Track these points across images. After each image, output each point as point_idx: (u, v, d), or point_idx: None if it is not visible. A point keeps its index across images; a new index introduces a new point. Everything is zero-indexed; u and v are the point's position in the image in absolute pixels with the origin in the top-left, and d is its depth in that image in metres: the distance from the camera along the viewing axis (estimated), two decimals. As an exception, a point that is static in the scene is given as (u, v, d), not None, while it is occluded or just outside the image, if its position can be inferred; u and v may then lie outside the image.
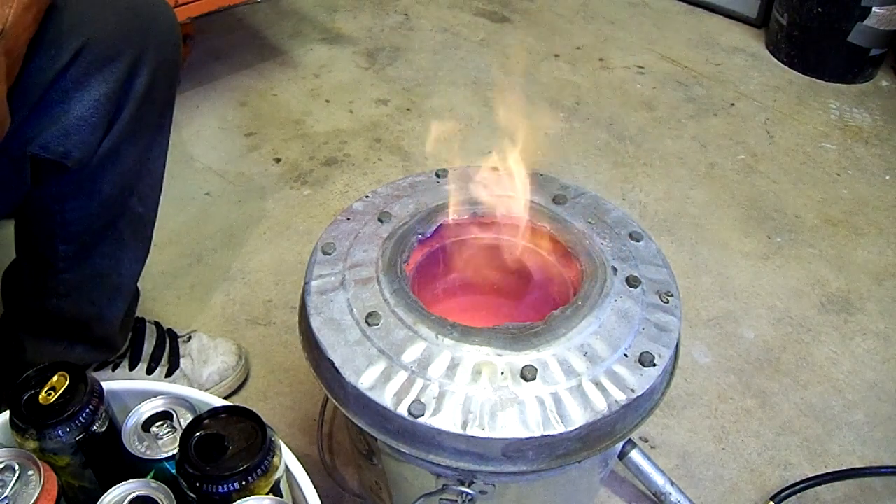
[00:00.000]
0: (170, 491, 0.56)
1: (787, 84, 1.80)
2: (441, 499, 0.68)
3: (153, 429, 0.61)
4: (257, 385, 1.08)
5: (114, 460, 0.60)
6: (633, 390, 0.62)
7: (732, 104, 1.72)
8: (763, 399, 1.10)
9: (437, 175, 0.83)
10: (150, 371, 1.00)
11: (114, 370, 0.98)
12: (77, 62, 0.70)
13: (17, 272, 0.90)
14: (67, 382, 0.58)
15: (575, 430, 0.60)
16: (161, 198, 0.90)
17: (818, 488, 0.97)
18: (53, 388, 0.58)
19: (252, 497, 0.54)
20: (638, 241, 0.76)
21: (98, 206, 0.81)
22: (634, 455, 0.90)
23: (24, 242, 0.86)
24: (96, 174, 0.78)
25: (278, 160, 1.50)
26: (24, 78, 0.68)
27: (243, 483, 0.54)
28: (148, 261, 0.93)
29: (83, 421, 0.57)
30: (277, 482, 0.57)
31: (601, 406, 0.61)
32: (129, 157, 0.80)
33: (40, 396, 0.58)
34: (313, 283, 0.70)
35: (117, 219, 0.84)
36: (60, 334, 0.90)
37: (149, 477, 0.58)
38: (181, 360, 1.02)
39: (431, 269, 0.80)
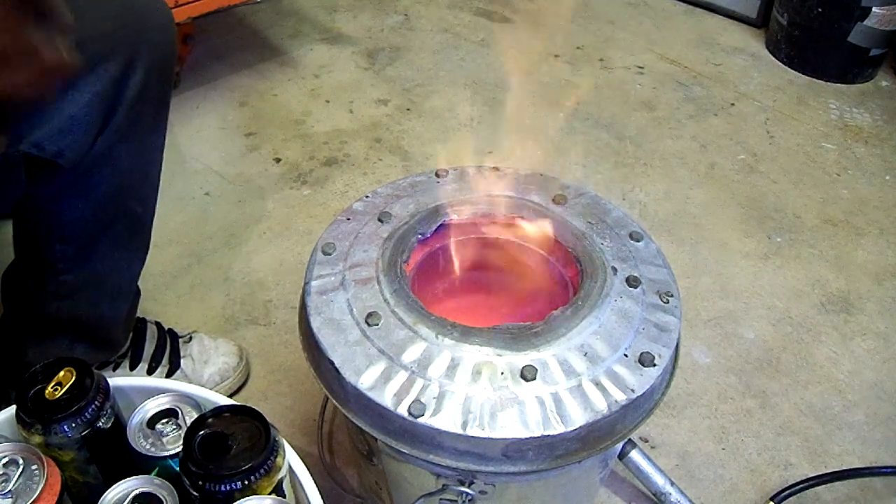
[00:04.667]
0: (173, 488, 0.56)
1: (787, 84, 1.80)
2: (441, 499, 0.68)
3: (158, 426, 0.61)
4: (257, 385, 1.08)
5: (118, 456, 0.60)
6: (633, 390, 0.62)
7: (732, 104, 1.72)
8: (763, 399, 1.10)
9: (437, 175, 0.83)
10: (150, 371, 1.00)
11: (114, 370, 0.98)
12: None
13: (17, 273, 0.90)
14: (74, 378, 0.58)
15: (575, 430, 0.60)
16: (159, 198, 0.90)
17: (818, 488, 0.97)
18: (60, 384, 0.58)
19: (254, 496, 0.54)
20: (638, 241, 0.76)
21: (94, 207, 0.81)
22: (634, 455, 0.90)
23: (23, 243, 0.86)
24: (91, 174, 0.78)
25: (278, 160, 1.50)
26: None
27: (246, 482, 0.54)
28: (148, 261, 0.93)
29: (89, 417, 0.57)
30: (280, 482, 0.57)
31: (601, 406, 0.61)
32: (124, 158, 0.80)
33: (46, 391, 0.58)
34: (313, 283, 0.70)
35: (115, 219, 0.84)
36: (61, 335, 0.90)
37: (153, 474, 0.58)
38: (182, 361, 1.02)
39: (431, 269, 0.80)
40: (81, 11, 0.71)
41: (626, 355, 0.65)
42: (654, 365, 0.64)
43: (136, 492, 0.56)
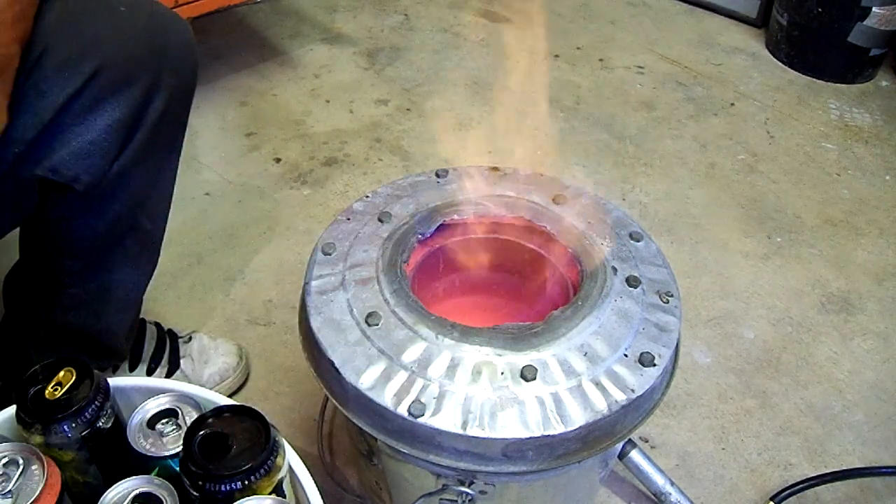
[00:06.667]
0: (173, 488, 0.56)
1: (787, 84, 1.80)
2: (441, 499, 0.68)
3: (158, 426, 0.61)
4: (257, 385, 1.08)
5: (118, 456, 0.60)
6: (633, 390, 0.62)
7: (732, 104, 1.72)
8: (763, 399, 1.10)
9: (437, 175, 0.83)
10: (150, 372, 1.00)
11: (114, 372, 0.98)
12: (91, 85, 0.68)
13: (21, 279, 0.90)
14: (74, 378, 0.59)
15: (575, 430, 0.60)
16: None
17: (818, 488, 0.97)
18: (60, 384, 0.58)
19: (254, 496, 0.54)
20: (638, 241, 0.76)
21: (106, 225, 0.79)
22: (634, 455, 0.90)
23: (30, 255, 0.85)
24: (105, 195, 0.76)
25: (278, 160, 1.50)
26: (36, 99, 0.66)
27: (246, 482, 0.54)
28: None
29: (89, 416, 0.57)
30: (280, 482, 0.57)
31: (601, 406, 0.61)
32: (139, 178, 0.78)
33: (46, 391, 0.58)
34: (313, 283, 0.70)
35: (125, 236, 0.83)
36: (65, 344, 0.89)
37: (153, 474, 0.58)
38: (181, 361, 1.02)
39: (431, 269, 0.80)
40: (104, 35, 0.70)
41: (626, 355, 0.65)
42: (654, 365, 0.64)
43: (136, 492, 0.56)
